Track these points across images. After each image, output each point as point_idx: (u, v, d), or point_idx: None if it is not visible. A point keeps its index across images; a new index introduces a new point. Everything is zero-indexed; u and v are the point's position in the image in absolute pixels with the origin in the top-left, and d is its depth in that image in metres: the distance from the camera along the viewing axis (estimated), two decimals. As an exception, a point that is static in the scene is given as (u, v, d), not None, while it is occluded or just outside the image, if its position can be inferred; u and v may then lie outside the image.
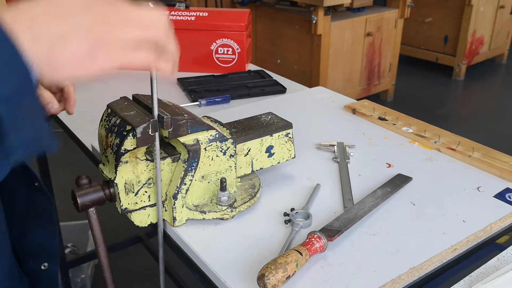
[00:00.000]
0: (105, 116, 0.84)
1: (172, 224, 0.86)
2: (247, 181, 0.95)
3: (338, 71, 3.46)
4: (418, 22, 4.51)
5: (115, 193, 0.82)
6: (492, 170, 1.03)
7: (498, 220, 0.88)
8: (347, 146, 1.13)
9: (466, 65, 4.42)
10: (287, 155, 0.99)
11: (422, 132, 1.19)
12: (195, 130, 0.83)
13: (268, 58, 3.63)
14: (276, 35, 3.51)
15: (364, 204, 0.91)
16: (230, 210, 0.87)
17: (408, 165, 1.06)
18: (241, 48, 1.68)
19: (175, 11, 1.70)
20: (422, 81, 4.45)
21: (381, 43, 3.63)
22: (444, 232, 0.85)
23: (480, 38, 4.44)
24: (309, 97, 1.50)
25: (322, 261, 0.78)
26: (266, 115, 1.01)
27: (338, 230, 0.82)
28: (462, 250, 0.83)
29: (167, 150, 0.87)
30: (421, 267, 0.77)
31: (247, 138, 0.92)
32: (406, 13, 3.67)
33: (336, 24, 3.28)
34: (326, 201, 0.94)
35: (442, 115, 3.79)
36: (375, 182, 1.00)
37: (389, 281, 0.74)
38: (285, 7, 3.37)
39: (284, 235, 0.84)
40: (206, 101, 1.44)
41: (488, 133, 3.43)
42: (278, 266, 0.70)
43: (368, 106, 1.34)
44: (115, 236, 2.12)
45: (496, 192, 0.96)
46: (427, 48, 4.56)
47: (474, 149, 1.09)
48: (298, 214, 0.89)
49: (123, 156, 0.78)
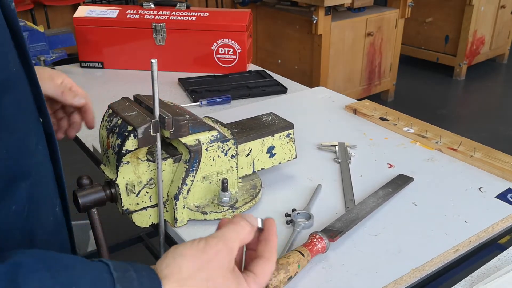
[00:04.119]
0: (106, 117, 0.84)
1: (173, 225, 0.86)
2: (249, 182, 0.95)
3: (339, 71, 3.46)
4: (418, 22, 4.50)
5: (116, 193, 0.82)
6: (493, 170, 1.03)
7: (500, 221, 0.88)
8: (348, 147, 1.13)
9: (467, 65, 4.41)
10: (288, 155, 0.99)
11: (423, 132, 1.19)
12: (197, 130, 0.83)
13: (268, 58, 3.63)
14: (277, 35, 3.51)
15: (366, 204, 0.90)
16: (231, 211, 0.87)
17: (410, 166, 1.06)
18: (242, 48, 1.68)
19: (176, 12, 1.70)
20: (423, 81, 4.44)
21: (381, 43, 3.63)
22: (446, 232, 0.85)
23: (481, 38, 4.43)
24: (310, 97, 1.50)
25: (323, 262, 0.78)
26: (267, 115, 1.01)
27: (340, 231, 0.82)
28: (464, 251, 0.83)
29: (169, 150, 0.86)
30: (423, 268, 0.77)
31: (248, 138, 0.92)
32: (407, 13, 3.66)
33: (337, 24, 3.28)
34: (328, 201, 0.94)
35: (443, 115, 3.78)
36: (376, 183, 0.99)
37: (391, 282, 0.74)
38: (286, 7, 3.36)
39: (286, 236, 0.84)
40: (207, 102, 1.44)
41: (490, 133, 3.43)
42: (279, 267, 0.70)
43: (369, 106, 1.34)
44: (116, 236, 2.11)
45: (498, 193, 0.96)
46: (427, 48, 4.55)
47: (476, 149, 1.09)
48: (300, 215, 0.89)
49: (125, 156, 0.78)
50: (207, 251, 0.51)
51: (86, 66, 1.77)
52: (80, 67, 1.77)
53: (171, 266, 0.49)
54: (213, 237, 0.53)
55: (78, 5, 3.52)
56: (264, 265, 0.55)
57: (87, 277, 0.45)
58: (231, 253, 0.52)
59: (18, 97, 0.56)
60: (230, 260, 0.52)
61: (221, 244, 0.52)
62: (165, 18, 1.69)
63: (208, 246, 0.51)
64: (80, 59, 1.76)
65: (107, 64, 1.76)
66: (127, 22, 1.70)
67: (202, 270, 0.50)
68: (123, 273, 0.47)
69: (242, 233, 0.54)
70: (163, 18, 1.69)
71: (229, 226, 0.54)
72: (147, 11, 1.71)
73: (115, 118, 0.81)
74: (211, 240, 0.52)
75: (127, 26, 1.70)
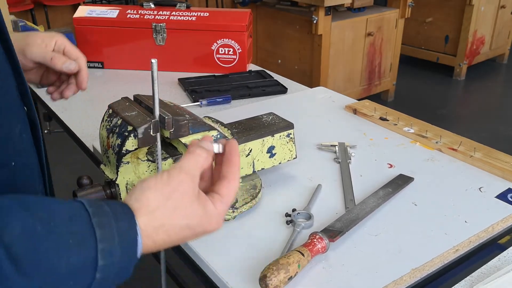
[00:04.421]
0: (106, 117, 0.84)
1: (173, 225, 0.86)
2: (249, 182, 0.95)
3: (339, 71, 3.46)
4: (418, 22, 4.50)
5: (116, 193, 0.82)
6: (494, 170, 1.03)
7: (500, 221, 0.88)
8: (348, 147, 1.13)
9: (467, 65, 4.41)
10: (288, 155, 0.99)
11: (423, 132, 1.19)
12: (197, 130, 0.83)
13: (268, 58, 3.63)
14: (277, 35, 3.51)
15: (366, 204, 0.90)
16: (231, 211, 0.87)
17: (410, 166, 1.06)
18: (242, 48, 1.68)
19: (176, 12, 1.70)
20: (423, 81, 4.44)
21: (381, 43, 3.63)
22: (446, 232, 0.85)
23: (481, 38, 4.43)
24: (310, 97, 1.50)
25: (324, 262, 0.78)
26: (267, 115, 1.01)
27: (340, 231, 0.82)
28: (464, 251, 0.83)
29: (169, 150, 0.86)
30: (423, 268, 0.77)
31: (248, 138, 0.92)
32: (407, 13, 3.66)
33: (337, 24, 3.28)
34: (328, 201, 0.94)
35: (443, 115, 3.78)
36: (376, 183, 0.99)
37: (391, 282, 0.74)
38: (286, 7, 3.36)
39: (286, 236, 0.84)
40: (207, 101, 1.44)
41: (490, 133, 3.43)
42: (280, 267, 0.70)
43: (369, 106, 1.34)
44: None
45: (498, 193, 0.96)
46: (427, 48, 4.55)
47: (476, 149, 1.09)
48: (300, 215, 0.89)
49: (125, 156, 0.78)
50: (170, 182, 0.54)
51: (86, 66, 1.77)
52: (80, 67, 1.77)
53: (140, 200, 0.53)
54: (173, 168, 0.56)
55: (78, 5, 3.52)
56: (228, 185, 0.59)
57: (64, 213, 0.48)
58: (193, 180, 0.56)
59: (1, 86, 0.58)
60: (193, 187, 0.55)
61: (183, 174, 0.55)
62: (165, 18, 1.69)
63: (171, 177, 0.55)
64: (80, 59, 1.76)
65: (107, 64, 1.76)
66: (127, 22, 1.70)
67: (168, 200, 0.53)
68: (97, 208, 0.49)
69: (200, 161, 0.57)
70: (163, 18, 1.69)
71: (187, 156, 0.57)
72: (147, 11, 1.71)
73: (115, 118, 0.81)
74: (172, 172, 0.55)
75: (127, 26, 1.70)
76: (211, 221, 0.56)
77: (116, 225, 0.49)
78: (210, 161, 0.60)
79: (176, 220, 0.54)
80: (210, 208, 0.56)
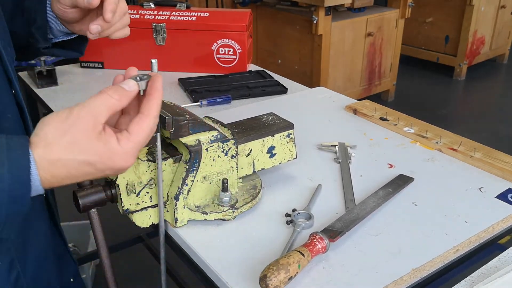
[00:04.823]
0: (106, 117, 0.84)
1: (173, 225, 0.86)
2: (249, 182, 0.95)
3: (339, 71, 3.46)
4: (419, 22, 4.50)
5: (116, 194, 0.82)
6: (494, 170, 1.03)
7: (500, 221, 0.88)
8: (349, 147, 1.13)
9: (467, 65, 4.41)
10: (288, 155, 0.99)
11: (423, 132, 1.19)
12: (197, 130, 0.83)
13: (269, 58, 3.63)
14: (277, 35, 3.51)
15: (366, 204, 0.90)
16: (231, 211, 0.87)
17: (410, 166, 1.06)
18: (242, 48, 1.68)
19: (176, 12, 1.70)
20: (423, 81, 4.44)
21: (382, 43, 3.63)
22: (446, 233, 0.85)
23: (481, 38, 4.43)
24: (310, 97, 1.50)
25: (324, 262, 0.78)
26: (267, 115, 1.01)
27: (340, 231, 0.82)
28: (464, 251, 0.83)
29: (169, 150, 0.86)
30: (423, 268, 0.77)
31: (248, 138, 0.92)
32: (407, 13, 3.66)
33: (337, 24, 3.28)
34: (328, 201, 0.94)
35: (443, 115, 3.78)
36: (376, 183, 0.99)
37: (391, 282, 0.74)
38: (286, 7, 3.36)
39: (286, 236, 0.84)
40: (207, 102, 1.44)
41: (490, 133, 3.43)
42: (280, 267, 0.70)
43: (369, 107, 1.34)
44: (116, 236, 2.11)
45: (498, 193, 0.96)
46: (428, 48, 4.55)
47: (476, 149, 1.09)
48: (300, 215, 0.89)
49: (125, 156, 0.78)
50: (69, 118, 0.56)
51: (86, 66, 1.77)
52: (80, 67, 1.77)
53: (39, 135, 0.55)
54: (77, 105, 0.57)
55: (78, 5, 3.52)
56: (140, 121, 0.59)
57: None
58: (95, 118, 0.56)
59: None
60: (94, 124, 0.56)
61: (85, 111, 0.56)
62: (165, 18, 1.69)
63: (70, 114, 0.56)
64: (80, 59, 1.76)
65: (107, 64, 1.76)
66: (127, 22, 1.69)
67: (65, 134, 0.55)
68: None
69: (109, 102, 0.58)
70: (163, 18, 1.69)
71: (96, 96, 0.58)
72: (147, 11, 1.71)
73: (115, 118, 0.81)
74: (74, 108, 0.57)
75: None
76: (113, 158, 0.57)
77: (7, 153, 0.52)
78: (125, 103, 0.60)
79: (73, 155, 0.55)
80: (112, 145, 0.57)
